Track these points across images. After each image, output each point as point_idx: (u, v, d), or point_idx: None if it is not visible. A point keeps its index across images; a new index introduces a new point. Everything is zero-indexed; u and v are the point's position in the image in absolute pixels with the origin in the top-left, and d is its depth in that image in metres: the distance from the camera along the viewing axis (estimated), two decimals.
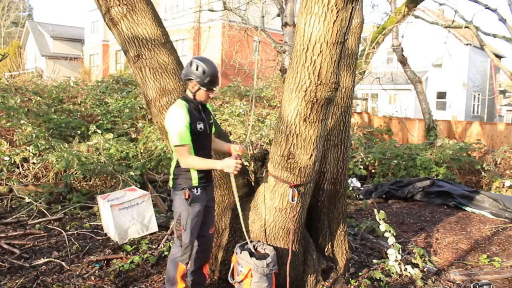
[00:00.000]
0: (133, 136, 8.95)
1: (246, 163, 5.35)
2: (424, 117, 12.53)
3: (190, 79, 2.87)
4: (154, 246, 4.36)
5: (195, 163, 2.87)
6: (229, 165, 2.83)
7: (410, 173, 8.31)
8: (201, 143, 2.95)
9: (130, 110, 9.74)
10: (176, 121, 2.81)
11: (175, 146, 2.84)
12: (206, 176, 3.00)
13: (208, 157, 3.03)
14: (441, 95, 23.72)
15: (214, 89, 2.94)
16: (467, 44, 22.46)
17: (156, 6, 3.69)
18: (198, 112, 2.93)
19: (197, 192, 2.94)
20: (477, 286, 3.59)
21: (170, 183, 3.04)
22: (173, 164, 3.01)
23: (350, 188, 7.60)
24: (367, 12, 30.08)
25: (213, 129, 3.17)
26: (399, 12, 7.72)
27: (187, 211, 2.92)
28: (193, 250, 3.13)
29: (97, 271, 3.76)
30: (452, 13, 28.49)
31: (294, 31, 3.34)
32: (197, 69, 2.84)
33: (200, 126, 2.91)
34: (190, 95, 2.93)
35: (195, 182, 2.94)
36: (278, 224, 3.14)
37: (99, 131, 7.67)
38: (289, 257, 3.07)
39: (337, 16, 2.43)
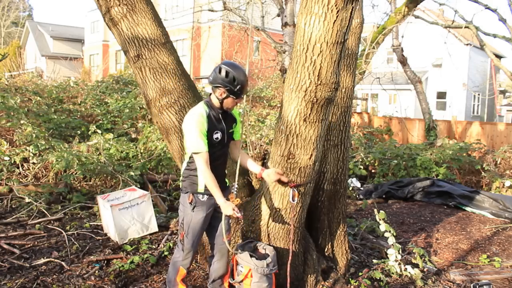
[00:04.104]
0: (133, 136, 8.95)
1: None
2: (424, 117, 12.54)
3: (219, 86, 2.71)
4: (154, 246, 4.36)
5: (207, 178, 2.71)
6: (227, 208, 2.67)
7: (410, 173, 8.31)
8: (215, 153, 2.80)
9: (130, 110, 9.73)
10: (193, 125, 2.68)
11: (193, 153, 2.72)
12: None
13: (221, 167, 2.92)
14: (441, 95, 23.71)
15: (243, 96, 2.80)
16: (467, 44, 22.46)
17: (156, 6, 3.69)
18: (217, 121, 2.79)
19: (202, 197, 2.83)
20: (477, 286, 3.59)
21: (180, 185, 2.96)
22: (183, 165, 2.91)
23: (350, 188, 7.60)
24: (367, 12, 30.12)
25: (238, 136, 3.01)
26: (399, 12, 7.72)
27: (189, 216, 2.84)
28: (211, 259, 3.09)
29: (97, 271, 3.76)
30: (452, 13, 28.48)
31: (294, 31, 3.33)
32: (227, 76, 2.68)
33: (216, 136, 2.77)
34: (216, 102, 2.78)
35: (200, 188, 2.83)
36: (278, 224, 3.14)
37: (99, 131, 7.67)
38: (290, 257, 3.07)
39: (337, 16, 2.43)
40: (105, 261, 3.99)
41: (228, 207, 2.67)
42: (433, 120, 12.42)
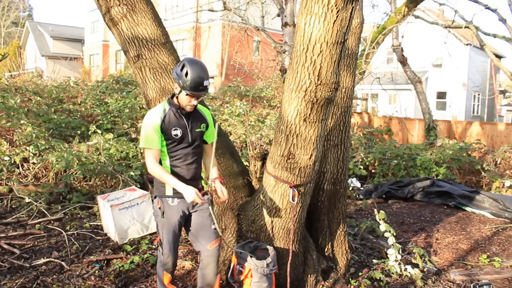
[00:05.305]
0: (133, 136, 8.94)
1: (246, 163, 5.35)
2: (424, 117, 12.54)
3: (175, 79, 2.69)
4: (154, 246, 4.36)
5: (156, 172, 2.66)
6: (190, 195, 2.59)
7: (410, 173, 8.31)
8: (178, 151, 2.73)
9: (130, 110, 9.73)
10: (145, 122, 2.68)
11: (143, 149, 2.69)
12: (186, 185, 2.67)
13: (193, 168, 2.78)
14: (441, 95, 23.71)
15: (196, 95, 2.64)
16: (467, 44, 22.46)
17: (156, 6, 3.69)
18: (178, 117, 2.72)
19: (172, 202, 2.75)
20: (477, 286, 3.59)
21: None
22: None
23: (350, 188, 7.60)
24: (367, 12, 30.15)
25: (209, 140, 2.90)
26: (399, 12, 7.72)
27: (161, 222, 2.77)
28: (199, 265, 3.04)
29: (97, 271, 3.76)
30: (452, 13, 28.49)
31: (294, 31, 3.33)
32: (181, 69, 2.62)
33: (175, 132, 2.69)
34: (174, 98, 2.74)
35: (168, 191, 2.74)
36: (278, 224, 3.14)
37: (99, 131, 7.67)
38: (290, 257, 3.07)
39: (337, 16, 2.43)
40: (105, 261, 3.99)
41: (189, 192, 2.59)
42: (433, 120, 12.42)
